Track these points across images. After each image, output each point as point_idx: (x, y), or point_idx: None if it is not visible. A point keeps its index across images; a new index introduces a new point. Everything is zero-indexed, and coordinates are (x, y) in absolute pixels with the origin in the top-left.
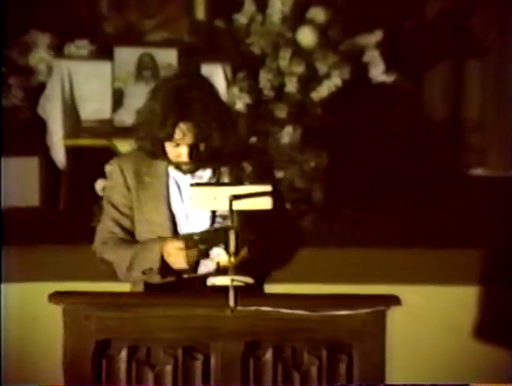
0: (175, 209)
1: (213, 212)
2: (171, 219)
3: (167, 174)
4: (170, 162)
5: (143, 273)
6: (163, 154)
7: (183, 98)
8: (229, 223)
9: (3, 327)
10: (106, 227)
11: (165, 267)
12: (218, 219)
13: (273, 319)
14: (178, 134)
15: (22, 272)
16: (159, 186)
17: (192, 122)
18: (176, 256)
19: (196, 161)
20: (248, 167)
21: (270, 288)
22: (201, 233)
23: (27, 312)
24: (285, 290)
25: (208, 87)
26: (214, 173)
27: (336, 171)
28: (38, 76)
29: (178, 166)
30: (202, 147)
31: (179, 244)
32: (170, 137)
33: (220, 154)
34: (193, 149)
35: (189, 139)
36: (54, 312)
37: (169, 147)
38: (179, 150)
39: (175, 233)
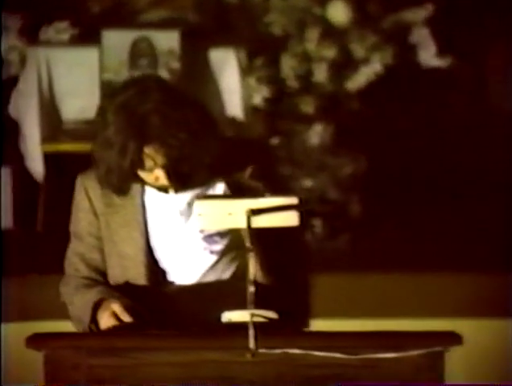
0: (153, 237)
1: (203, 235)
2: (147, 251)
3: (143, 192)
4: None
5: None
6: (129, 189)
7: (136, 115)
8: (217, 248)
9: None
10: (71, 264)
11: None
12: (213, 247)
13: (304, 365)
14: (146, 160)
15: None
16: (132, 209)
17: (156, 143)
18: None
19: (180, 179)
20: (248, 169)
21: None
22: None
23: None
24: (318, 328)
25: (164, 89)
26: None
27: (377, 179)
28: (8, 68)
29: (160, 188)
30: (181, 162)
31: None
32: (137, 166)
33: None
34: (170, 169)
35: (160, 161)
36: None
37: (142, 174)
38: (155, 174)
39: (151, 268)
